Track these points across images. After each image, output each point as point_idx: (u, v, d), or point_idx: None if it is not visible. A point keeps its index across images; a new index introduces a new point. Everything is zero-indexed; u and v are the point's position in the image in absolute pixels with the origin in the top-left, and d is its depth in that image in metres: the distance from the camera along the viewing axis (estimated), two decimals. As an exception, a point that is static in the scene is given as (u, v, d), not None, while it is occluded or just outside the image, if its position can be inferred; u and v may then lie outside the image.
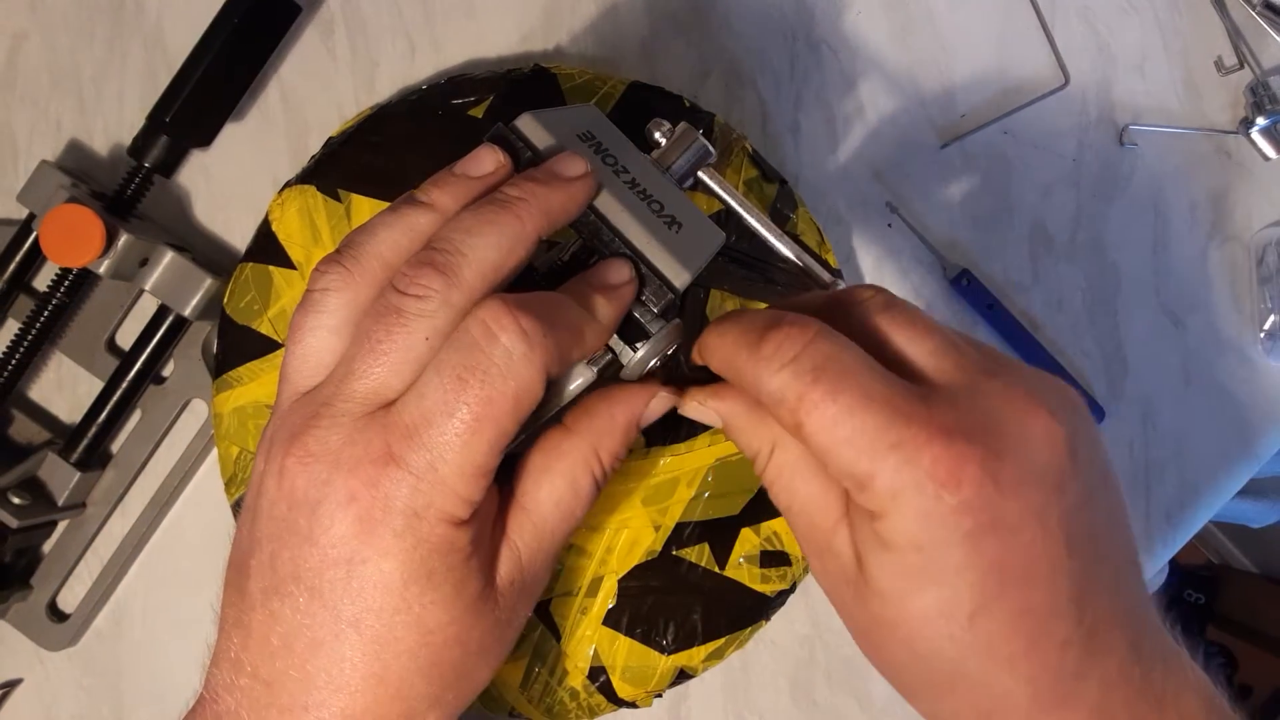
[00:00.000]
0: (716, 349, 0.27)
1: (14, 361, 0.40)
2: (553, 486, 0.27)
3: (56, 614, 0.42)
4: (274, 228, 0.39)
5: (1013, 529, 0.22)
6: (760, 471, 0.27)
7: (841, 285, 0.28)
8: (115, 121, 0.43)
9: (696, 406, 0.28)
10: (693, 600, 0.38)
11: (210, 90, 0.40)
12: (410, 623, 0.24)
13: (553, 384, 0.25)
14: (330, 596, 0.23)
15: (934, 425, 0.22)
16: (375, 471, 0.23)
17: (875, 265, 0.44)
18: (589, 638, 0.37)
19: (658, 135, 0.31)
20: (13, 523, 0.38)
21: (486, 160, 0.27)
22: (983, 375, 0.24)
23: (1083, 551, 0.23)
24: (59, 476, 0.40)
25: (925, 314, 0.26)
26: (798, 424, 0.23)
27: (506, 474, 0.27)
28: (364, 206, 0.39)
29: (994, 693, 0.23)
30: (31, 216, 0.40)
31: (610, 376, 0.28)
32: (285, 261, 0.39)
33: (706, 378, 0.28)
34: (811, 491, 0.26)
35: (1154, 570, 0.44)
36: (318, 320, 0.25)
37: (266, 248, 0.39)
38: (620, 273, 0.26)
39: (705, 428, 0.38)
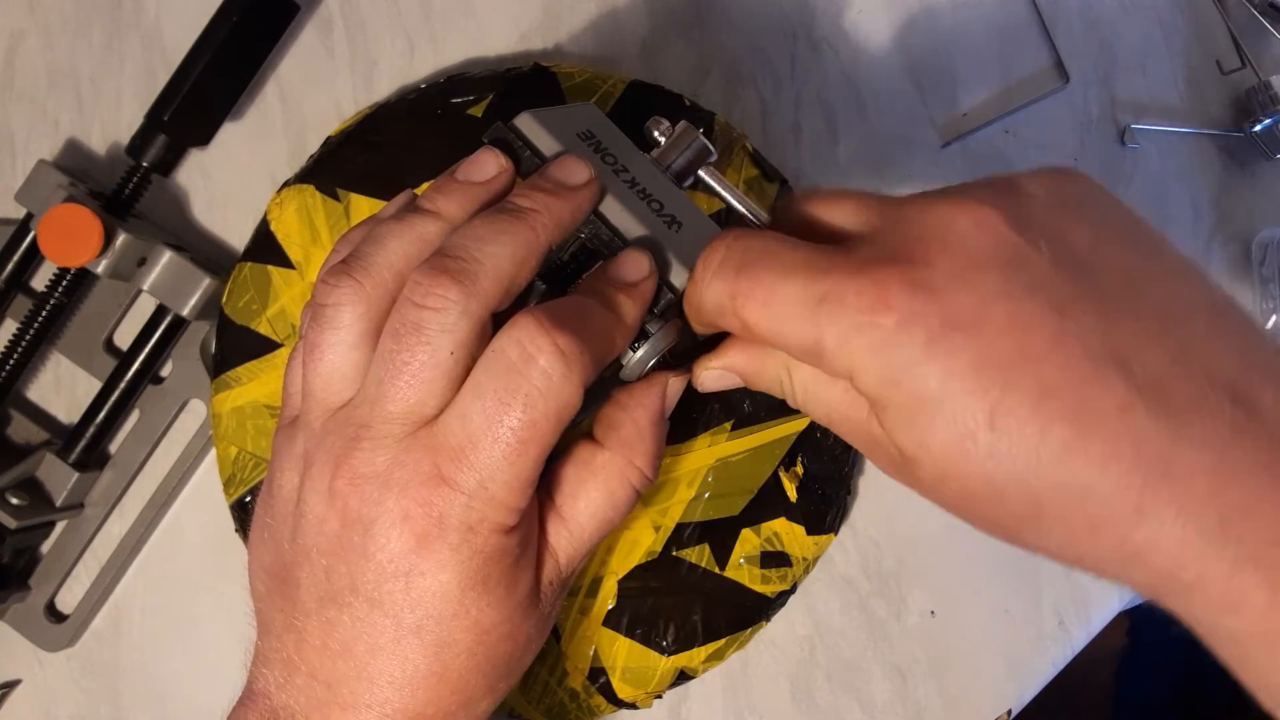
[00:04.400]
0: (684, 304, 0.27)
1: (12, 361, 0.40)
2: (589, 500, 0.27)
3: (55, 615, 0.41)
4: (272, 227, 0.39)
5: (976, 319, 0.21)
6: (791, 401, 0.27)
7: None
8: (113, 120, 0.43)
9: (706, 375, 0.28)
10: (693, 601, 0.38)
11: (208, 89, 0.40)
12: (468, 625, 0.25)
13: None
14: (390, 606, 0.24)
15: (851, 267, 0.22)
16: (427, 492, 0.24)
17: (876, 265, 0.43)
18: (589, 638, 0.37)
19: (656, 134, 0.31)
20: (11, 523, 0.38)
21: (489, 164, 0.27)
22: (902, 207, 0.23)
23: (1086, 309, 0.21)
24: (57, 477, 0.40)
25: (847, 186, 0.26)
26: (743, 324, 0.24)
27: (542, 475, 0.28)
28: (363, 206, 0.39)
29: (1077, 495, 0.20)
30: (29, 216, 0.40)
31: (609, 376, 0.27)
32: (284, 261, 0.39)
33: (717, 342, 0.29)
34: (836, 394, 0.25)
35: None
36: (335, 336, 0.25)
37: (265, 247, 0.39)
38: (640, 268, 0.27)
39: (705, 427, 0.38)
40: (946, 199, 0.22)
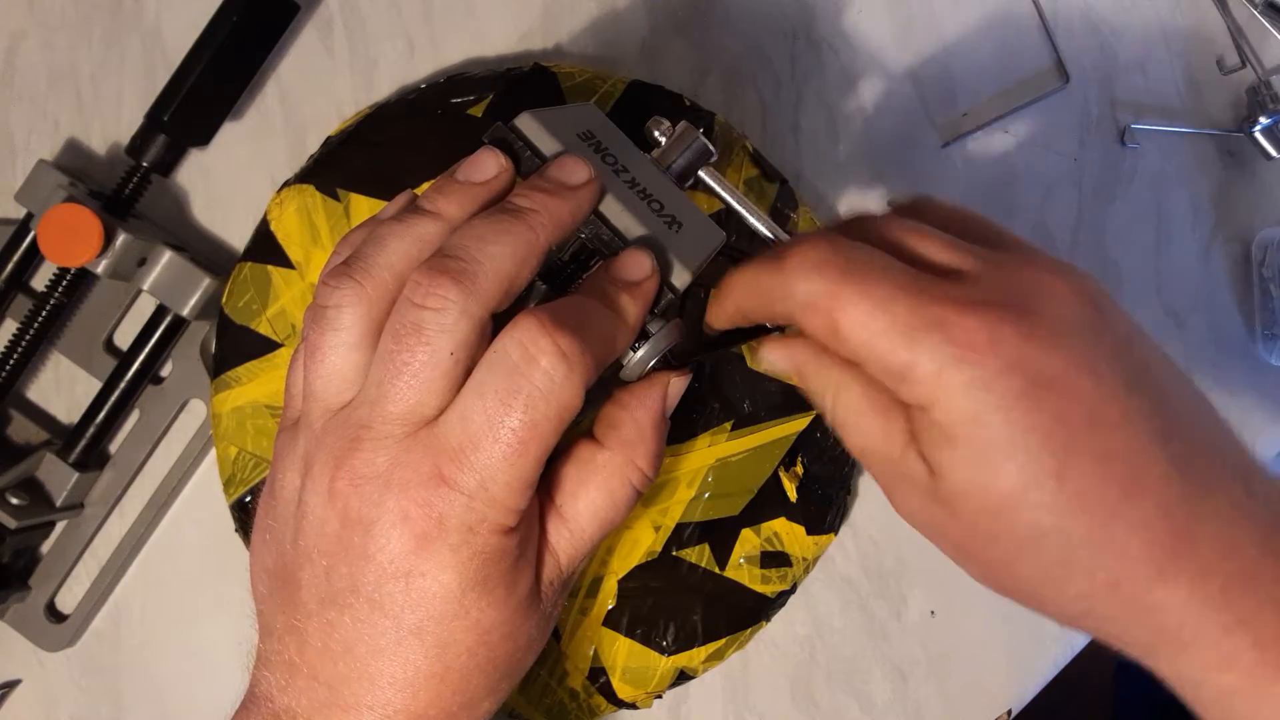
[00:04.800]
0: (737, 286, 0.27)
1: (12, 361, 0.40)
2: (589, 500, 0.27)
3: (55, 615, 0.41)
4: (272, 227, 0.39)
5: (1065, 381, 0.22)
6: (828, 415, 0.27)
7: None
8: (113, 120, 0.43)
9: (768, 352, 0.28)
10: (693, 601, 0.38)
11: (208, 89, 0.40)
12: (469, 626, 0.25)
13: None
14: (391, 607, 0.24)
15: (964, 302, 0.23)
16: (427, 493, 0.24)
17: (876, 265, 0.43)
18: (589, 638, 0.37)
19: (657, 134, 0.31)
20: (11, 523, 0.38)
21: (489, 164, 0.27)
22: (998, 254, 0.25)
23: (1145, 391, 0.23)
24: (57, 477, 0.40)
25: (927, 226, 0.27)
26: (833, 326, 0.24)
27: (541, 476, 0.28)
28: (363, 206, 0.39)
29: (1110, 553, 0.22)
30: (29, 216, 0.40)
31: (610, 376, 0.27)
32: (284, 261, 0.39)
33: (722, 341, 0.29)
34: (875, 424, 0.25)
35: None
36: (336, 338, 0.25)
37: (265, 247, 0.39)
38: (642, 268, 0.27)
39: (705, 427, 0.38)
40: (1042, 262, 0.24)
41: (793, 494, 0.38)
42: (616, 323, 0.26)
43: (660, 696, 0.39)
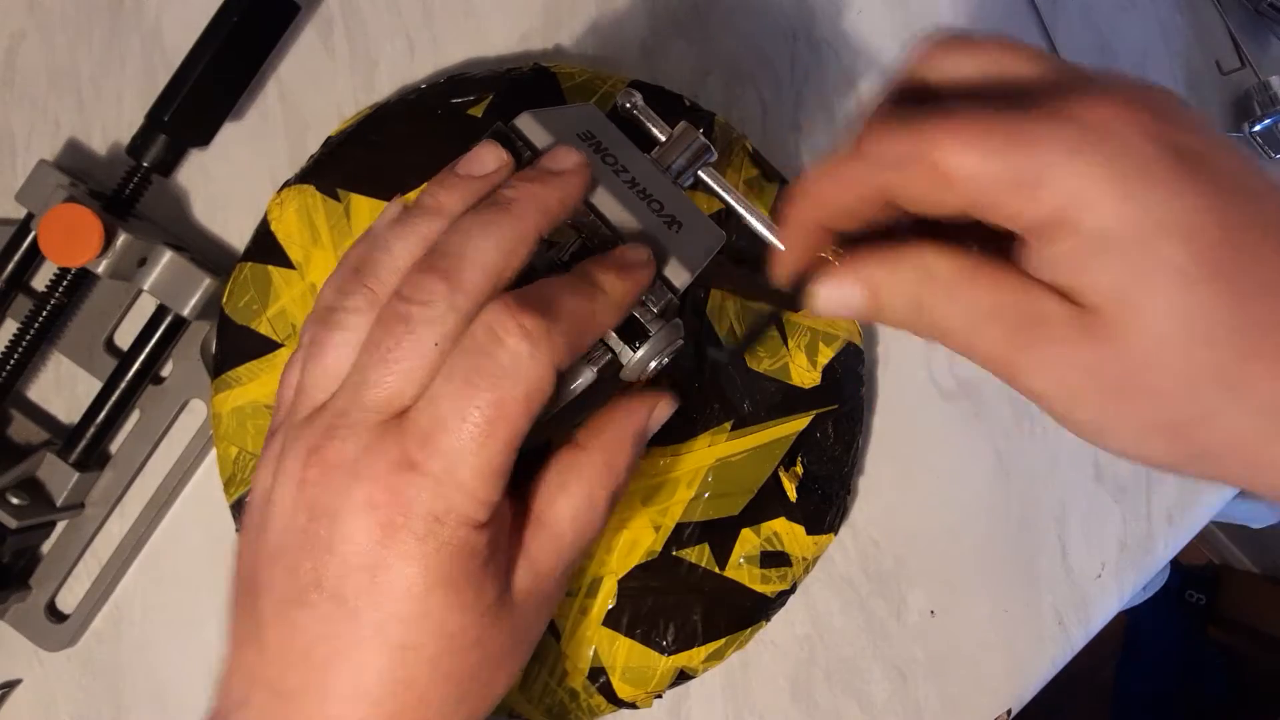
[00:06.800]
0: (810, 191, 0.25)
1: (12, 361, 0.40)
2: (569, 503, 0.27)
3: (55, 614, 0.41)
4: (273, 227, 0.39)
5: (1209, 152, 0.21)
6: (923, 316, 0.23)
7: None
8: (114, 121, 0.43)
9: (828, 290, 0.24)
10: (693, 601, 0.38)
11: (209, 89, 0.40)
12: (433, 628, 0.24)
13: (559, 380, 0.25)
14: (353, 603, 0.23)
15: (1077, 95, 0.21)
16: (394, 479, 0.23)
17: (876, 265, 0.43)
18: (589, 638, 0.37)
19: (628, 105, 0.30)
20: (11, 523, 0.38)
21: (488, 158, 0.27)
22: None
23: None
24: (57, 477, 0.40)
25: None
26: (932, 166, 0.21)
27: (519, 486, 0.27)
28: (363, 206, 0.39)
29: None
30: (30, 216, 0.40)
31: (610, 376, 0.28)
32: (284, 261, 0.39)
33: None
34: (986, 287, 0.22)
35: (1155, 570, 0.44)
36: (343, 336, 0.25)
37: (265, 247, 0.39)
38: (638, 253, 0.27)
39: (705, 427, 0.38)
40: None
41: (793, 494, 0.38)
42: (594, 296, 0.25)
43: (660, 696, 0.39)
